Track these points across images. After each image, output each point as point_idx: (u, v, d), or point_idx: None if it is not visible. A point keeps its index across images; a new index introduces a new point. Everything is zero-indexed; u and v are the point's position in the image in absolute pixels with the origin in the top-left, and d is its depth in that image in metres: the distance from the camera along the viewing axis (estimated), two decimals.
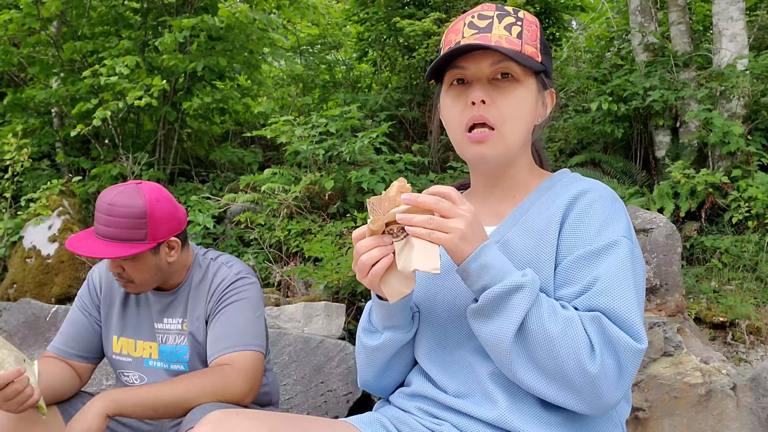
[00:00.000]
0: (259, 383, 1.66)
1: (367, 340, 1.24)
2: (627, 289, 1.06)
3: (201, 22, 4.20)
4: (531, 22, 1.20)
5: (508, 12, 1.19)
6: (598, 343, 1.02)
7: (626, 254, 1.09)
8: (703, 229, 4.15)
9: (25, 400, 1.49)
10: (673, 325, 2.58)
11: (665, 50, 4.96)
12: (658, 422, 2.38)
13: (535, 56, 1.17)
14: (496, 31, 1.16)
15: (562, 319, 1.03)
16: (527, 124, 1.19)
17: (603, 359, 1.02)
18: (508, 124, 1.15)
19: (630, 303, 1.05)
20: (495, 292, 1.03)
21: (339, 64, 6.84)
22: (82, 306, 1.84)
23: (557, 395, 1.05)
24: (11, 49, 4.71)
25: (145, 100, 4.07)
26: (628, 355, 1.02)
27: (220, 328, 1.69)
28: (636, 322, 1.04)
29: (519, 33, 1.17)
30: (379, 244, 1.06)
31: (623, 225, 1.12)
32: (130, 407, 1.54)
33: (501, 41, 1.15)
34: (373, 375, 1.27)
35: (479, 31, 1.16)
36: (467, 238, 1.03)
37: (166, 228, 1.68)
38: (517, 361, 1.04)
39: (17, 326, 3.12)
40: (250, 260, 3.92)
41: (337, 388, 2.69)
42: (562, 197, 1.16)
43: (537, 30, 1.20)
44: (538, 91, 1.20)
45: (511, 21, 1.18)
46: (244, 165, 5.26)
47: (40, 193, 4.14)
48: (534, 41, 1.18)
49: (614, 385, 1.03)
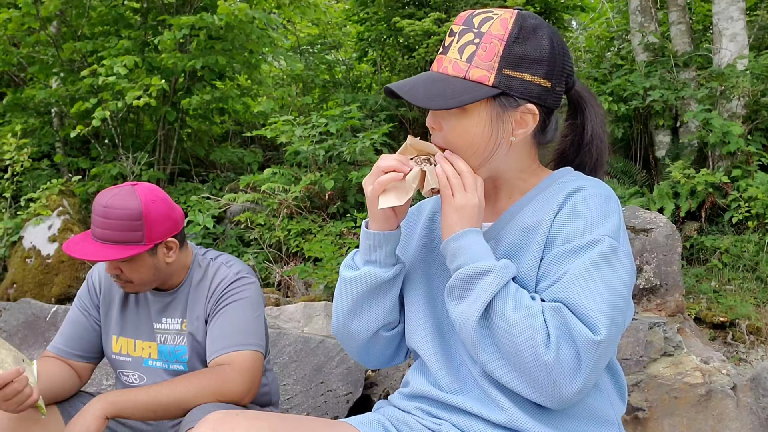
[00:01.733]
0: (258, 383, 1.66)
1: (345, 272, 1.25)
2: (593, 284, 1.05)
3: (200, 21, 4.19)
4: (494, 35, 1.10)
5: (472, 26, 1.13)
6: (555, 333, 1.02)
7: (603, 252, 1.06)
8: (703, 229, 4.15)
9: (24, 400, 1.49)
10: (673, 325, 2.58)
11: (665, 50, 4.96)
12: (658, 422, 2.38)
13: (484, 80, 1.10)
14: (450, 54, 1.14)
15: (524, 308, 1.04)
16: (481, 149, 1.14)
17: (559, 349, 1.02)
18: (451, 148, 1.15)
19: (592, 297, 1.04)
20: (464, 273, 1.08)
21: (339, 64, 6.83)
22: (81, 306, 1.84)
23: (516, 383, 1.06)
24: (11, 48, 4.72)
25: (144, 100, 4.07)
26: (584, 346, 1.02)
27: (219, 328, 1.69)
28: (594, 314, 1.03)
29: (471, 54, 1.11)
30: (402, 161, 1.15)
31: (611, 225, 1.10)
32: (129, 409, 1.54)
33: (447, 68, 1.13)
34: (344, 314, 1.25)
35: (443, 50, 1.16)
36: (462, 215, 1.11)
37: (163, 229, 1.68)
38: (481, 344, 1.07)
39: (17, 326, 3.12)
40: (250, 260, 3.92)
41: (337, 388, 2.69)
42: (558, 195, 1.14)
43: (500, 44, 1.10)
44: (498, 114, 1.12)
45: (469, 39, 1.12)
46: (244, 165, 5.26)
47: (40, 193, 4.14)
48: (489, 61, 1.10)
49: (571, 376, 1.02)
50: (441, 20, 5.12)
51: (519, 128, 1.14)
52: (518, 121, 1.14)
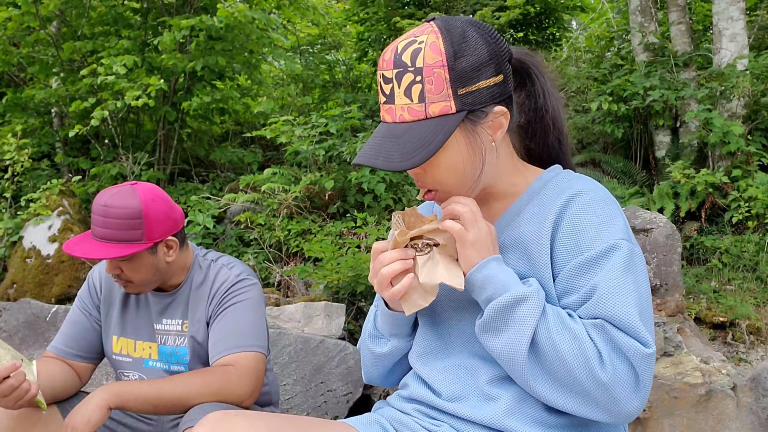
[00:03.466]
0: (261, 384, 1.66)
1: (374, 347, 1.28)
2: (626, 294, 1.04)
3: (200, 23, 4.20)
4: (433, 66, 1.04)
5: (405, 66, 1.06)
6: (606, 351, 1.02)
7: (624, 257, 1.06)
8: (703, 229, 4.15)
9: (22, 396, 1.49)
10: (673, 325, 2.58)
11: (665, 50, 4.96)
12: (658, 422, 2.37)
13: (447, 110, 1.05)
14: (398, 101, 1.07)
15: (568, 331, 1.03)
16: (470, 171, 1.11)
17: (614, 366, 1.02)
18: (444, 185, 1.12)
19: (630, 308, 1.04)
20: (500, 303, 1.05)
21: (339, 64, 6.83)
22: (82, 306, 1.84)
23: (576, 407, 1.05)
24: (11, 48, 4.71)
25: (143, 101, 4.07)
26: (638, 359, 1.02)
27: (221, 330, 1.69)
28: (638, 327, 1.03)
29: (420, 92, 1.05)
30: (403, 257, 1.09)
31: (619, 226, 1.09)
32: (131, 400, 1.54)
33: (404, 116, 1.07)
34: (379, 376, 1.34)
35: (386, 100, 1.09)
36: (477, 248, 1.07)
37: (162, 228, 1.68)
38: (533, 374, 1.05)
39: (17, 326, 3.12)
40: (250, 260, 3.92)
41: (336, 388, 2.69)
42: (554, 202, 1.12)
43: (443, 70, 1.04)
44: (472, 130, 1.09)
45: (410, 80, 1.06)
46: (244, 165, 5.26)
47: (40, 193, 4.14)
48: (441, 90, 1.05)
49: (631, 391, 1.02)
50: None
51: (496, 131, 1.11)
52: (492, 125, 1.11)
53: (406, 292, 1.10)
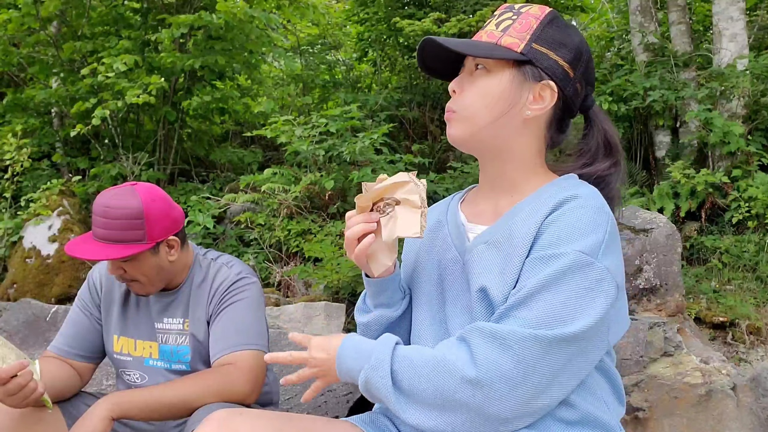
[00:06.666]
0: (262, 382, 1.66)
1: (359, 317, 1.32)
2: (549, 295, 1.03)
3: (198, 20, 4.19)
4: (531, 14, 1.19)
5: (512, 9, 1.21)
6: (483, 348, 1.01)
7: (566, 267, 1.03)
8: (703, 229, 4.15)
9: (29, 395, 1.49)
10: (673, 325, 2.58)
11: (665, 50, 4.97)
12: (658, 422, 2.38)
13: (514, 46, 1.16)
14: (488, 28, 1.22)
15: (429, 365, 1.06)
16: (494, 111, 1.16)
17: (487, 360, 1.00)
18: (468, 108, 1.18)
19: (541, 304, 1.02)
20: (362, 385, 1.15)
21: (339, 64, 6.84)
22: (82, 305, 1.84)
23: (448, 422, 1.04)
24: (11, 49, 4.71)
25: (143, 98, 4.07)
26: (521, 343, 1.00)
27: (221, 328, 1.69)
28: (533, 314, 1.02)
29: (507, 27, 1.19)
30: (366, 220, 1.16)
31: (591, 241, 1.05)
32: (134, 410, 1.54)
33: (482, 36, 1.21)
34: None
35: (478, 31, 1.24)
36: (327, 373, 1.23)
37: (164, 227, 1.68)
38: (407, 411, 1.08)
39: (17, 326, 3.12)
40: (250, 260, 3.93)
41: (337, 388, 2.69)
42: (550, 201, 1.12)
43: (536, 21, 1.18)
44: (521, 81, 1.16)
45: (507, 17, 1.20)
46: (244, 165, 5.26)
47: (40, 193, 4.14)
48: (523, 32, 1.17)
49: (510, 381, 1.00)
50: (441, 20, 5.12)
51: (536, 103, 1.17)
52: (536, 96, 1.17)
53: (373, 254, 1.17)
